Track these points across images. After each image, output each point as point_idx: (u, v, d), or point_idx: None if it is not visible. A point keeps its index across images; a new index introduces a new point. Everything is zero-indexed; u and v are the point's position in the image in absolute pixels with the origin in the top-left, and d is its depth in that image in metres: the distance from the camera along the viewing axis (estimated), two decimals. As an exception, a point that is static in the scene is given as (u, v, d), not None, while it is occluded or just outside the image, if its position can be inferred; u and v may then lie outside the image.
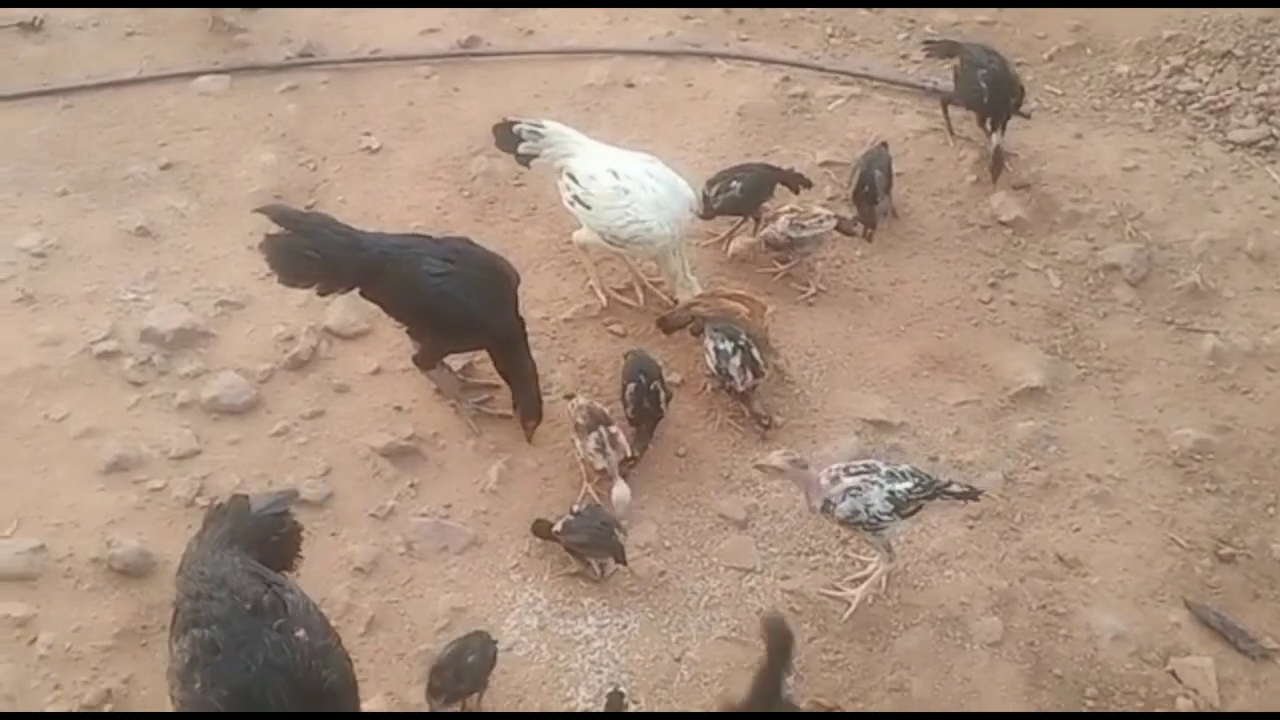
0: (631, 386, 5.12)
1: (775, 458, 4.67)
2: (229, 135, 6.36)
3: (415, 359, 5.22)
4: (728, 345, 5.22)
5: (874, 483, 4.58)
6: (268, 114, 6.45)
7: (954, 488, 4.69)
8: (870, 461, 4.72)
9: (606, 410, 5.07)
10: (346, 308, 5.50)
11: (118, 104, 6.46)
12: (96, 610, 4.60)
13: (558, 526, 4.79)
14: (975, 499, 4.79)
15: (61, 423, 5.13)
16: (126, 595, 4.65)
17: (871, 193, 5.83)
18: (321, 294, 5.08)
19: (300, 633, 3.78)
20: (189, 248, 5.84)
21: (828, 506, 4.61)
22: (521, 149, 5.52)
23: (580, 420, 5.03)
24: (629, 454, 5.02)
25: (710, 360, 5.27)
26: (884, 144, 6.06)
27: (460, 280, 5.00)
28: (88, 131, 6.34)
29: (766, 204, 5.88)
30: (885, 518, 4.58)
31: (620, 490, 4.95)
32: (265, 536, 4.16)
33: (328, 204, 6.04)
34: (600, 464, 4.98)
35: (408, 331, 5.23)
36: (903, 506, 4.59)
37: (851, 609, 4.74)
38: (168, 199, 6.04)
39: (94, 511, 4.86)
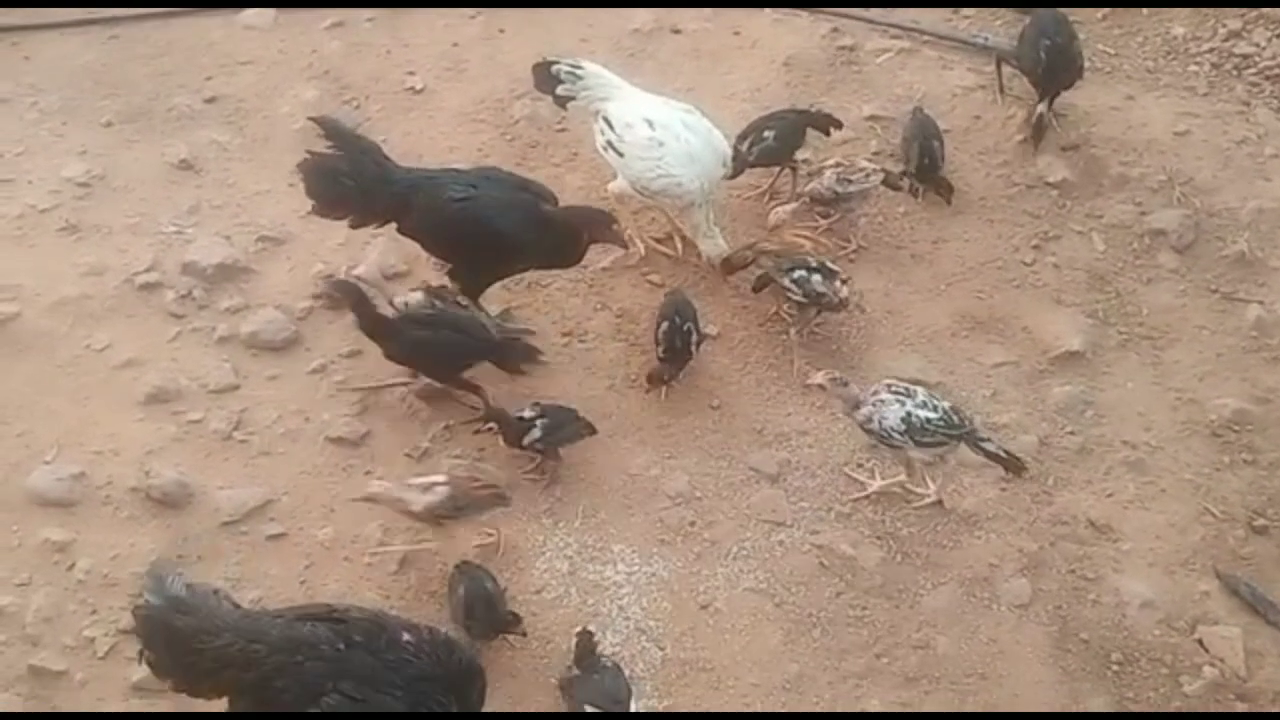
0: (665, 325, 5.12)
1: (819, 376, 4.84)
2: (273, 70, 6.35)
3: (461, 291, 5.23)
4: (802, 273, 5.23)
5: (900, 401, 4.71)
6: (312, 50, 6.43)
7: (989, 445, 4.73)
8: (914, 387, 4.81)
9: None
10: (386, 249, 5.51)
11: (163, 35, 6.45)
12: (134, 538, 4.68)
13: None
14: (1016, 472, 4.82)
15: (103, 353, 5.19)
16: (163, 524, 4.73)
17: (933, 164, 5.75)
18: (354, 226, 5.11)
19: (405, 637, 3.82)
20: (231, 182, 5.86)
21: (855, 409, 4.77)
22: (559, 90, 5.49)
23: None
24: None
25: (796, 293, 5.26)
26: (919, 108, 5.94)
27: (484, 203, 5.01)
28: (133, 62, 6.35)
29: (807, 155, 5.84)
30: (896, 435, 4.69)
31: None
32: (215, 595, 4.06)
33: (370, 143, 6.04)
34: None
35: (448, 273, 5.24)
36: (917, 433, 4.69)
37: (866, 492, 4.90)
38: (211, 132, 6.05)
39: (133, 441, 4.93)
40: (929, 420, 4.69)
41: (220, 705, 4.16)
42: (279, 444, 5.00)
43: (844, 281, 5.25)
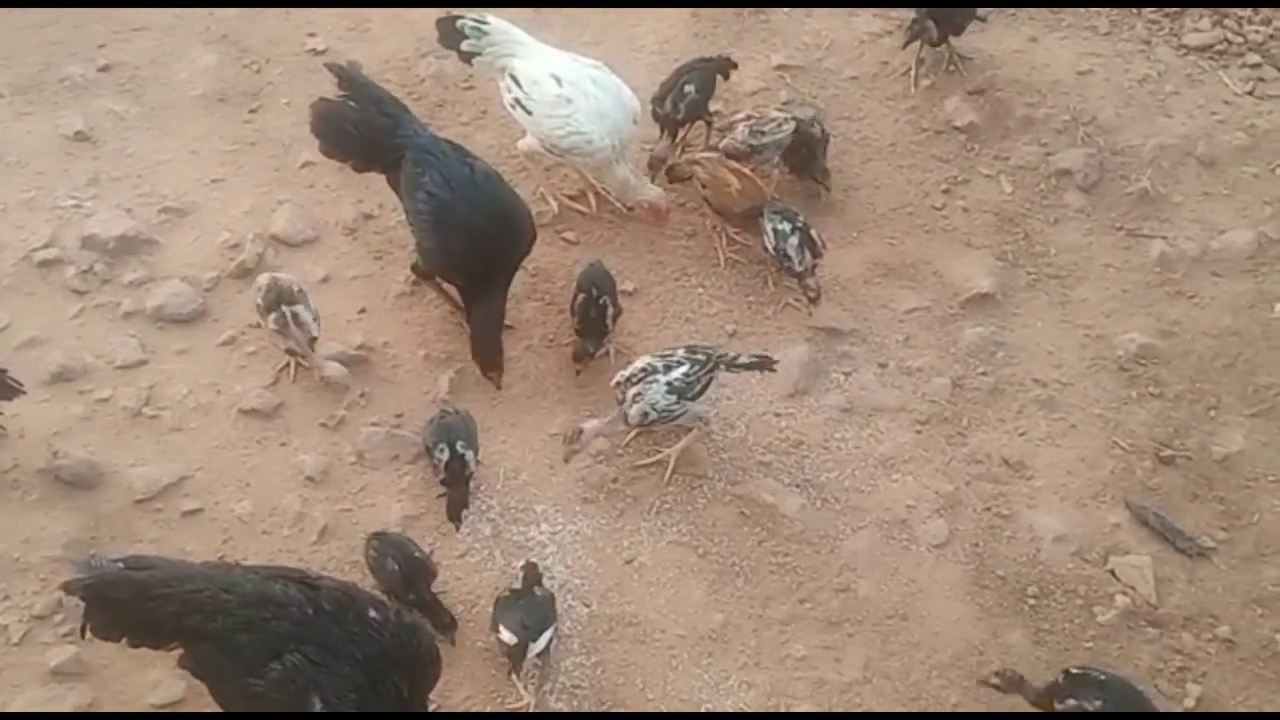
0: (581, 298, 5.09)
1: (589, 428, 4.75)
2: (169, 36, 6.18)
3: (413, 266, 5.19)
4: (785, 226, 5.24)
5: (652, 381, 4.72)
6: (209, 13, 6.26)
7: (741, 359, 4.84)
8: (649, 362, 4.78)
9: (295, 289, 4.94)
10: (293, 215, 5.44)
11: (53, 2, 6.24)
12: (44, 521, 4.59)
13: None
14: (770, 368, 4.91)
15: (3, 333, 5.07)
16: (74, 506, 4.64)
17: (812, 154, 5.63)
18: (357, 170, 5.15)
19: (372, 613, 3.84)
20: (130, 152, 5.71)
21: (626, 419, 4.75)
22: (464, 46, 5.39)
23: (260, 301, 4.93)
24: (314, 334, 4.91)
25: (768, 241, 5.26)
26: (813, 119, 5.76)
27: (449, 212, 4.89)
28: (23, 32, 6.13)
29: (718, 108, 5.82)
30: (675, 408, 4.73)
31: (332, 367, 4.94)
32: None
33: (272, 107, 5.93)
34: (283, 345, 4.91)
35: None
36: (686, 391, 4.72)
37: (670, 469, 4.89)
38: (107, 102, 5.88)
39: (39, 422, 4.82)
40: (686, 374, 4.72)
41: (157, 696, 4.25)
42: (191, 419, 4.92)
43: (812, 266, 5.24)
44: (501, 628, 4.31)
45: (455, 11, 5.43)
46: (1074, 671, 4.27)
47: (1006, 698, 4.37)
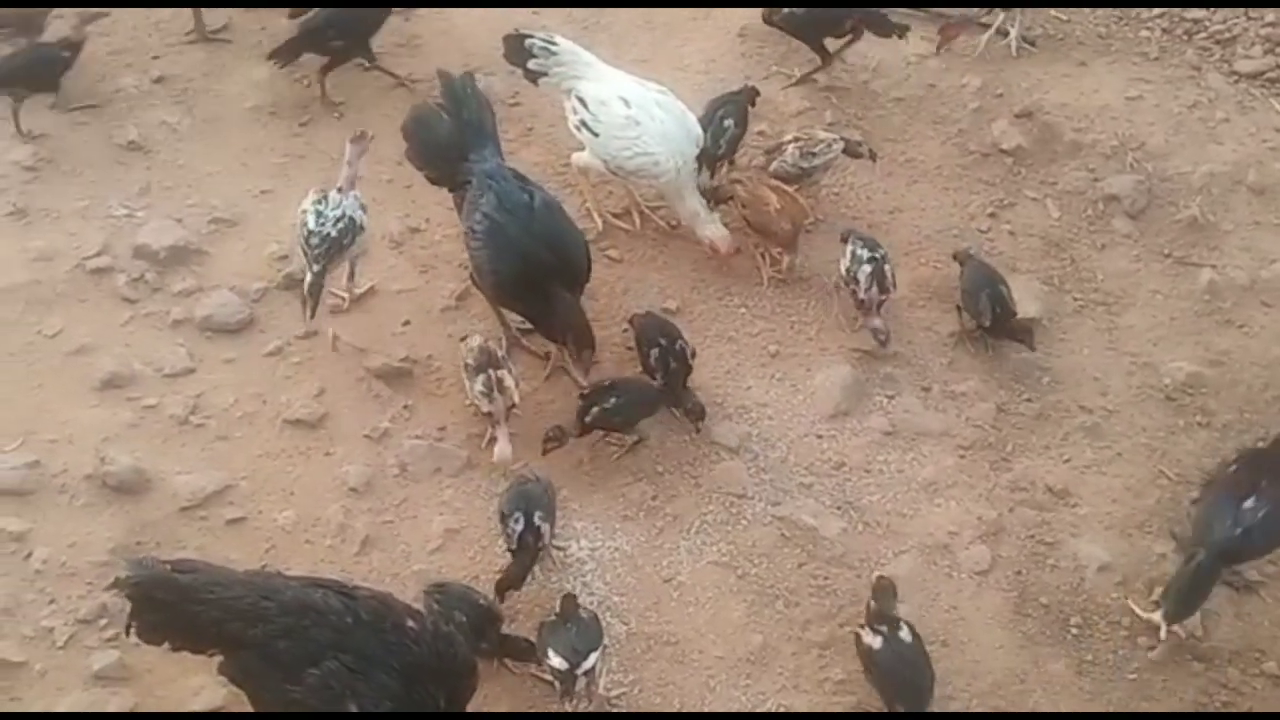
0: (655, 352, 4.99)
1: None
2: (222, 49, 6.25)
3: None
4: (864, 252, 5.22)
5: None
6: (261, 27, 6.34)
7: None
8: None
9: (501, 354, 4.92)
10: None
11: (109, 15, 6.33)
12: (91, 526, 4.63)
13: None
14: None
15: (54, 339, 5.12)
16: (121, 511, 4.68)
17: (1005, 311, 5.24)
18: (431, 182, 5.22)
19: (410, 623, 3.87)
20: (181, 163, 5.78)
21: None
22: (531, 64, 5.41)
23: (470, 361, 4.88)
24: (516, 401, 4.85)
25: (844, 263, 5.27)
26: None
27: (500, 232, 4.90)
28: (78, 42, 6.24)
29: (762, 128, 5.83)
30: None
31: (502, 448, 4.78)
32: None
33: (322, 121, 5.98)
34: (486, 407, 4.83)
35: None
36: None
37: None
38: (160, 113, 5.96)
39: (88, 428, 4.88)
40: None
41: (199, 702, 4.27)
42: (236, 428, 4.96)
43: (880, 302, 5.19)
44: (551, 653, 4.27)
45: (524, 29, 5.45)
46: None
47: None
